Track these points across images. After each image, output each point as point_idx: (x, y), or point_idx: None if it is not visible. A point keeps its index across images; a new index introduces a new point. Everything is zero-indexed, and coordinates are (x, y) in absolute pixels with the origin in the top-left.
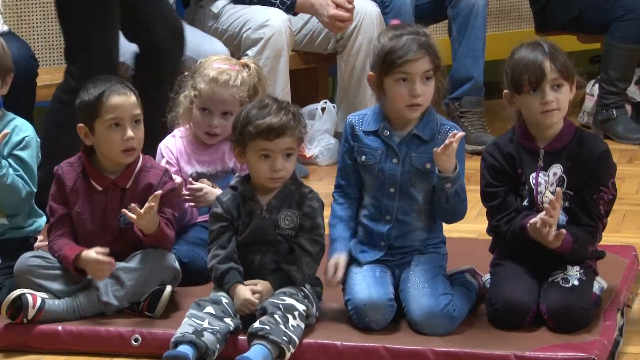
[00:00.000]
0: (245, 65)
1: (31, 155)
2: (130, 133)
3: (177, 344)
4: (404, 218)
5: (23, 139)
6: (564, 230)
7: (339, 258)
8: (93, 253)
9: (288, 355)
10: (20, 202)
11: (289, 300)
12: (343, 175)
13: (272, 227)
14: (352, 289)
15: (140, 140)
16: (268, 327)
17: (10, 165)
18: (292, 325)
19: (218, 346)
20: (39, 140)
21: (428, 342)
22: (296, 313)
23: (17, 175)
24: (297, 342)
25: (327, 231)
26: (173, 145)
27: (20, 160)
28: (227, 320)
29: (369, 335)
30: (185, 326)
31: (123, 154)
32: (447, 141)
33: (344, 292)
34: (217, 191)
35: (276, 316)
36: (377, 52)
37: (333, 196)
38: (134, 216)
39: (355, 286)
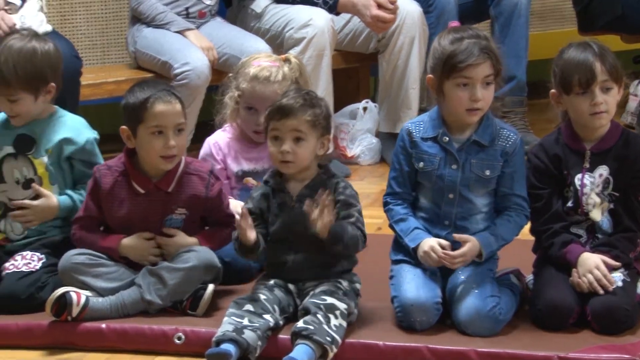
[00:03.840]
0: (287, 60)
1: (97, 155)
2: (172, 142)
3: (218, 342)
4: (463, 223)
5: (86, 143)
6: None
7: (433, 241)
8: (140, 239)
9: (331, 355)
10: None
11: (329, 300)
12: (400, 182)
13: (302, 217)
14: (400, 287)
15: (181, 148)
16: (312, 327)
17: (73, 166)
18: (335, 325)
19: (260, 343)
20: (97, 137)
21: (471, 343)
22: (337, 312)
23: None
24: (340, 341)
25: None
26: (221, 142)
27: (85, 163)
28: (267, 316)
29: (411, 335)
30: (226, 325)
31: (163, 160)
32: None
33: (391, 288)
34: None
35: (319, 316)
36: (438, 55)
37: (386, 202)
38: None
39: (404, 284)
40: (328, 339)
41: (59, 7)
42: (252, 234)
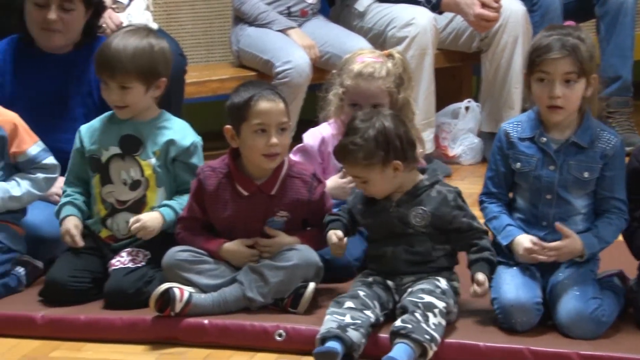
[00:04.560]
0: (390, 56)
1: (201, 159)
2: (274, 140)
3: (323, 340)
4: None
5: (191, 144)
6: None
7: (526, 237)
8: (240, 246)
9: (430, 353)
10: None
11: (427, 298)
12: (496, 183)
13: (399, 222)
14: (500, 288)
15: (284, 147)
16: (410, 326)
17: (176, 169)
18: (433, 323)
19: (363, 340)
20: (201, 142)
21: (574, 345)
22: (436, 310)
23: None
24: (439, 340)
25: None
26: (326, 136)
27: (188, 167)
28: (367, 312)
29: (512, 337)
30: (329, 322)
31: (265, 158)
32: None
33: (491, 290)
34: None
35: (417, 314)
36: (528, 50)
37: (481, 200)
38: (276, 237)
39: (504, 286)
40: (427, 337)
41: (165, 6)
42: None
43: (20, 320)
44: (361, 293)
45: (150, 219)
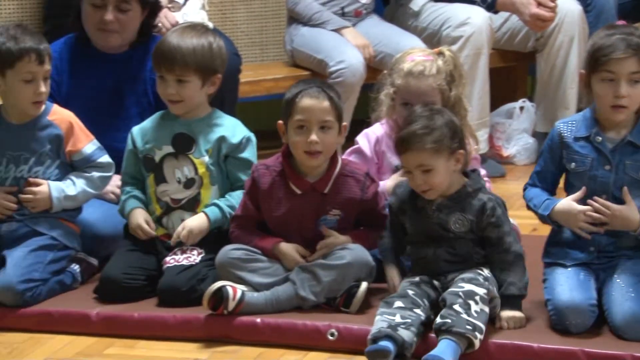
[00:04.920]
0: (441, 53)
1: (253, 154)
2: (313, 137)
3: (375, 339)
4: None
5: (242, 140)
6: None
7: (567, 199)
8: (294, 252)
9: (477, 343)
10: None
11: (467, 287)
12: (541, 179)
13: (438, 227)
14: (554, 289)
15: (327, 145)
16: (449, 320)
17: (228, 165)
18: (475, 311)
19: (415, 339)
20: (253, 137)
21: (629, 347)
22: (477, 298)
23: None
24: (483, 327)
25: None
26: (380, 135)
27: (241, 162)
28: (417, 310)
29: (566, 338)
30: (379, 322)
31: (307, 155)
32: None
33: (544, 291)
34: None
35: (455, 306)
36: (588, 49)
37: (525, 188)
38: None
39: (558, 287)
40: (469, 327)
41: (220, 5)
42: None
43: (75, 317)
44: (410, 292)
45: (196, 224)
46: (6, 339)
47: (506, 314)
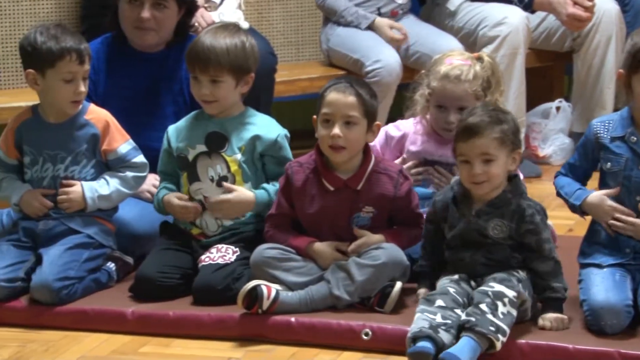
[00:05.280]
0: (479, 59)
1: (288, 151)
2: (335, 131)
3: (415, 338)
4: None
5: (277, 138)
6: None
7: (598, 193)
8: (329, 249)
9: (498, 345)
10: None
11: (498, 287)
12: (573, 171)
13: (477, 232)
14: (589, 290)
15: (351, 141)
16: (473, 319)
17: (264, 164)
18: (502, 313)
19: (454, 341)
20: (287, 133)
21: None
22: (506, 300)
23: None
24: (507, 330)
25: None
26: (408, 133)
27: (278, 160)
28: (458, 310)
29: (602, 339)
30: (420, 321)
31: (331, 150)
32: None
33: (580, 292)
34: None
35: (482, 305)
36: (628, 49)
37: (556, 175)
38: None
39: (593, 287)
40: (492, 328)
41: (256, 5)
42: None
43: (110, 315)
44: (451, 290)
45: (244, 194)
46: (42, 336)
47: (551, 315)
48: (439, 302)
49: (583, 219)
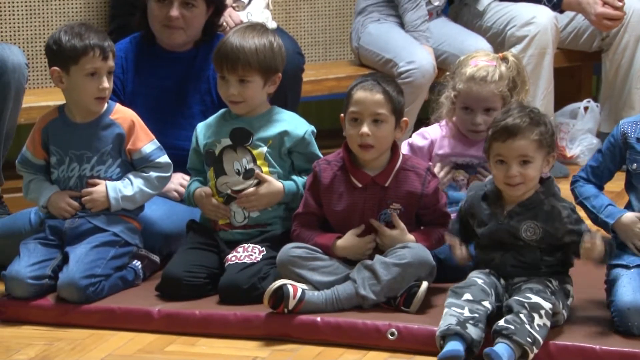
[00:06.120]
0: (504, 59)
1: (314, 148)
2: (364, 129)
3: (443, 337)
4: None
5: (305, 134)
6: None
7: (632, 214)
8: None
9: (531, 356)
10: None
11: (535, 299)
12: (596, 174)
13: (508, 234)
14: (616, 291)
15: (379, 139)
16: (512, 327)
17: (295, 160)
18: (538, 325)
19: (482, 335)
20: (314, 130)
21: None
22: (542, 312)
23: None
24: (542, 342)
25: None
26: (435, 139)
27: (306, 157)
28: (485, 303)
29: (629, 340)
30: (448, 317)
31: (359, 148)
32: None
33: (607, 293)
34: None
35: (521, 315)
36: None
37: (575, 180)
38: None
39: (620, 288)
40: (529, 339)
41: (284, 4)
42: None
43: (137, 314)
44: (479, 281)
45: (273, 185)
46: (69, 335)
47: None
48: (467, 296)
49: (608, 235)
